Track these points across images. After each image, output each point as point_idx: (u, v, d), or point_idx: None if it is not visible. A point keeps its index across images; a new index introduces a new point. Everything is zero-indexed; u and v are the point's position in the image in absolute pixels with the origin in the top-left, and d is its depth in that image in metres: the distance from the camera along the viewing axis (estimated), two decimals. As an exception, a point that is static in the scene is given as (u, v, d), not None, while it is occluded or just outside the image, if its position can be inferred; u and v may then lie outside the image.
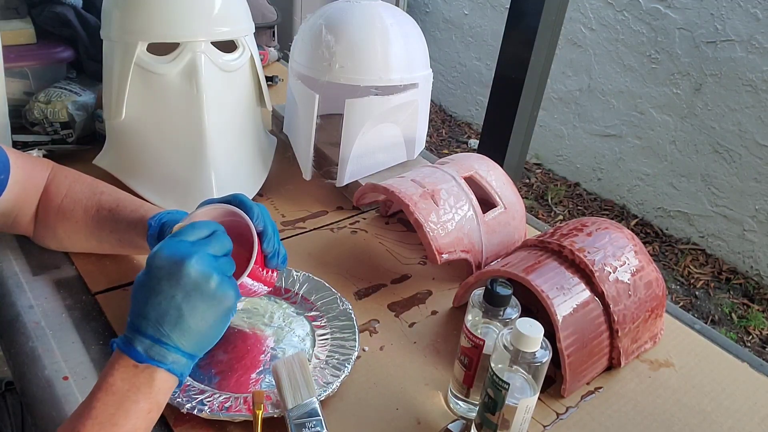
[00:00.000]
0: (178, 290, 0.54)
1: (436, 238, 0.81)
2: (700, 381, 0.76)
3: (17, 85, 1.10)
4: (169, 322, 0.53)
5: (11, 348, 0.70)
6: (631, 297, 0.73)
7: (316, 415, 0.60)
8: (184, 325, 0.54)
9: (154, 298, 0.54)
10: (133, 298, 0.55)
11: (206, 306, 0.55)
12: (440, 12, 3.65)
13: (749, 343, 2.23)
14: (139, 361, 0.52)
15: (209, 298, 0.55)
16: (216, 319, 0.56)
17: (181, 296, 0.54)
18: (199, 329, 0.55)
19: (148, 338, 0.53)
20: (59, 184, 0.79)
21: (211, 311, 0.55)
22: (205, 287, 0.54)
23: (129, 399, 0.52)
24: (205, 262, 0.55)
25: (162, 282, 0.54)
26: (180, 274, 0.54)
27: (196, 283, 0.54)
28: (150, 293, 0.54)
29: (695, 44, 2.53)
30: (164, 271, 0.54)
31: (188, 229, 0.58)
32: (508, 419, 0.59)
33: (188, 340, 0.54)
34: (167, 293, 0.53)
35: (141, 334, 0.53)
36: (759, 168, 2.43)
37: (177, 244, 0.56)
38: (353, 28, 0.96)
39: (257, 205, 0.65)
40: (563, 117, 3.13)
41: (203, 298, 0.54)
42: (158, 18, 0.86)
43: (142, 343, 0.53)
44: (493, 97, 1.23)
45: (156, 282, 0.54)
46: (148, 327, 0.53)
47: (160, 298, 0.53)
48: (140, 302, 0.54)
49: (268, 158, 1.06)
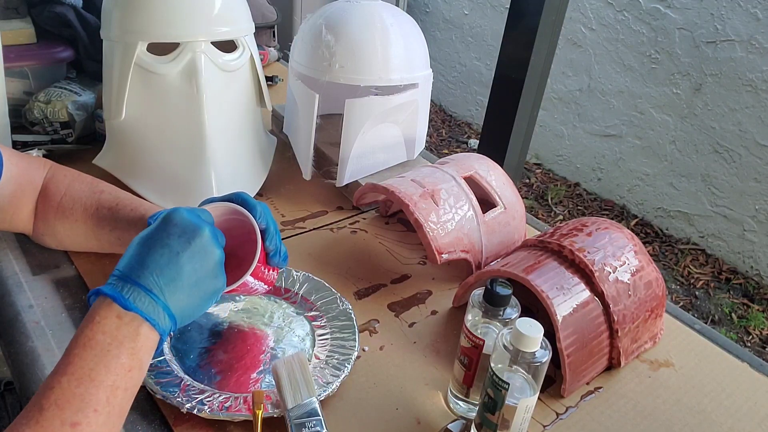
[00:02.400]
0: (186, 250, 0.55)
1: (436, 238, 0.81)
2: (700, 381, 0.76)
3: (17, 85, 1.10)
4: (166, 276, 0.54)
5: (11, 348, 0.70)
6: (631, 297, 0.73)
7: (316, 415, 0.60)
8: (179, 283, 0.55)
9: (160, 249, 0.55)
10: (132, 248, 0.56)
11: (203, 276, 0.57)
12: (440, 12, 3.65)
13: (749, 343, 2.23)
14: (126, 308, 0.52)
15: (208, 271, 0.57)
16: (205, 293, 0.58)
17: (186, 257, 0.55)
18: (190, 295, 0.56)
19: (140, 287, 0.53)
20: (58, 183, 0.79)
21: (204, 283, 0.57)
22: (208, 259, 0.57)
23: (110, 353, 0.50)
24: (215, 238, 0.58)
25: (172, 237, 0.55)
26: (193, 236, 0.56)
27: (203, 251, 0.56)
28: (155, 245, 0.55)
29: (695, 44, 2.53)
30: (178, 228, 0.56)
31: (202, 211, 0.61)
32: (508, 419, 0.59)
33: (177, 301, 0.55)
34: (174, 248, 0.55)
35: (132, 282, 0.53)
36: (759, 168, 2.43)
37: (194, 212, 0.59)
38: (353, 28, 0.96)
39: (259, 204, 0.65)
40: (563, 117, 3.13)
41: (203, 268, 0.57)
42: (158, 18, 0.86)
43: (131, 291, 0.52)
44: (493, 97, 1.23)
45: (166, 236, 0.55)
46: (143, 276, 0.53)
47: (166, 251, 0.55)
48: (141, 252, 0.55)
49: (268, 158, 1.06)
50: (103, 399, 0.49)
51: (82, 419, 0.47)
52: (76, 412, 0.47)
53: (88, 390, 0.48)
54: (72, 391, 0.48)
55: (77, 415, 0.47)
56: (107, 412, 0.49)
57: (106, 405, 0.49)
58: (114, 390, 0.50)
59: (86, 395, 0.48)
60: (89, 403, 0.48)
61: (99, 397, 0.49)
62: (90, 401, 0.48)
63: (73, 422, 0.47)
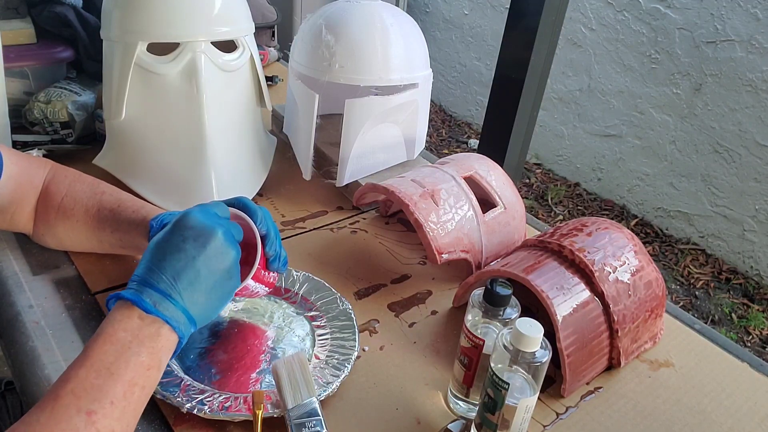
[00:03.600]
0: (202, 254, 0.55)
1: (436, 238, 0.81)
2: (700, 381, 0.76)
3: (17, 85, 1.10)
4: (184, 280, 0.54)
5: (11, 347, 0.70)
6: (630, 297, 0.73)
7: (316, 415, 0.60)
8: (197, 287, 0.55)
9: (176, 254, 0.55)
10: (148, 253, 0.56)
11: (219, 278, 0.57)
12: (440, 12, 3.65)
13: (749, 343, 2.23)
14: (146, 311, 0.52)
15: (224, 272, 0.57)
16: (222, 294, 0.58)
17: (202, 260, 0.55)
18: (208, 297, 0.56)
19: (159, 292, 0.53)
20: (59, 183, 0.78)
21: (221, 285, 0.57)
22: (224, 260, 0.57)
23: (130, 350, 0.51)
24: (230, 238, 0.58)
25: (188, 241, 0.55)
26: (208, 239, 0.56)
27: (218, 253, 0.56)
28: (172, 249, 0.55)
29: (695, 44, 2.53)
30: (193, 231, 0.56)
31: (216, 205, 0.61)
32: (508, 419, 0.59)
33: (195, 304, 0.55)
34: (190, 253, 0.55)
35: (151, 287, 0.53)
36: (759, 168, 2.43)
37: (208, 212, 0.58)
38: (353, 28, 0.96)
39: (260, 209, 0.66)
40: (563, 117, 3.13)
41: (219, 270, 0.57)
42: (158, 18, 0.86)
43: (151, 296, 0.53)
44: (493, 97, 1.23)
45: (181, 240, 0.55)
46: (162, 281, 0.54)
47: (182, 255, 0.55)
48: (157, 257, 0.55)
49: (268, 158, 1.06)
50: (120, 393, 0.49)
51: (98, 408, 0.48)
52: (92, 402, 0.48)
53: (106, 382, 0.49)
54: (90, 381, 0.48)
55: (93, 404, 0.47)
56: (123, 407, 0.49)
57: (123, 399, 0.49)
58: (132, 386, 0.50)
59: (104, 387, 0.48)
60: (107, 394, 0.48)
61: (116, 390, 0.49)
62: (107, 393, 0.48)
63: (89, 410, 0.47)
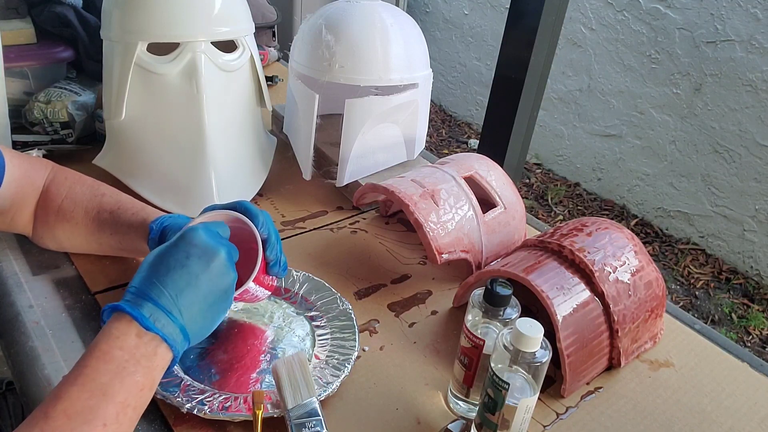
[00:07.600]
0: (205, 272, 0.55)
1: (436, 238, 0.81)
2: (700, 381, 0.76)
3: (17, 85, 1.09)
4: (186, 297, 0.54)
5: (11, 347, 0.70)
6: (631, 297, 0.73)
7: (316, 415, 0.60)
8: (196, 306, 0.55)
9: (179, 270, 0.54)
10: (149, 266, 0.55)
11: (217, 298, 0.57)
12: (440, 12, 3.65)
13: (749, 343, 2.23)
14: (146, 327, 0.51)
15: (222, 292, 0.58)
16: (216, 313, 0.58)
17: (204, 279, 0.55)
18: (204, 316, 0.56)
19: (159, 307, 0.52)
20: (60, 185, 0.78)
21: (217, 305, 0.58)
22: (223, 281, 0.57)
23: (126, 370, 0.50)
24: (231, 260, 0.58)
25: (191, 258, 0.55)
26: (212, 258, 0.56)
27: (220, 273, 0.57)
28: (175, 265, 0.54)
29: (695, 44, 2.53)
30: (198, 249, 0.56)
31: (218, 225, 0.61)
32: (508, 419, 0.59)
33: (193, 322, 0.55)
34: (194, 270, 0.55)
35: (151, 300, 0.52)
36: (759, 168, 2.43)
37: (211, 231, 0.58)
38: (353, 28, 0.96)
39: (261, 213, 0.66)
40: (563, 117, 3.13)
41: (219, 290, 0.57)
42: (158, 18, 0.86)
43: (150, 309, 0.52)
44: (493, 97, 1.23)
45: (185, 256, 0.55)
46: (163, 296, 0.53)
47: (185, 272, 0.54)
48: (159, 271, 0.54)
49: (268, 158, 1.06)
50: (112, 414, 0.48)
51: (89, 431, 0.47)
52: (83, 423, 0.47)
53: (99, 403, 0.48)
54: (83, 402, 0.47)
55: (84, 427, 0.47)
56: (114, 429, 0.48)
57: (115, 421, 0.48)
58: (125, 407, 0.49)
59: (97, 408, 0.48)
60: (99, 416, 0.48)
61: (109, 411, 0.48)
62: (100, 415, 0.48)
63: None
